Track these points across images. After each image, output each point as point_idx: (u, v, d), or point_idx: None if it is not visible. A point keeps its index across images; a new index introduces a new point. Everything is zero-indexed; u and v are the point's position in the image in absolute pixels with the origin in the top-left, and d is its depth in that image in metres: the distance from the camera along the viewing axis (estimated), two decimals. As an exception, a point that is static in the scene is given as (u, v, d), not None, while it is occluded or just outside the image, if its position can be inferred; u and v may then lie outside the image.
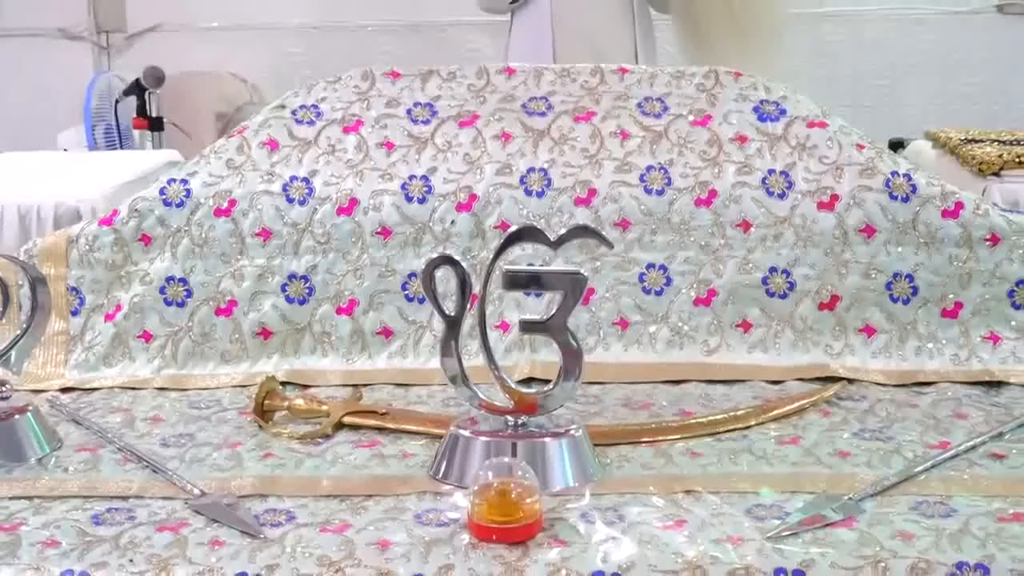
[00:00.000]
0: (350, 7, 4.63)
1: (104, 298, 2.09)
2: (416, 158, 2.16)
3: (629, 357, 2.03)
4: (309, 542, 1.37)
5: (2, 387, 1.69)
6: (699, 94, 2.23)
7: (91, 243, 2.10)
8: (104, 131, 3.66)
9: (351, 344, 2.08)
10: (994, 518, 1.40)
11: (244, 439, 1.73)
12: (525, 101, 2.23)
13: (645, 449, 1.66)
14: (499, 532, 1.35)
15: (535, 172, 2.13)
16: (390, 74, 2.29)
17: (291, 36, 4.66)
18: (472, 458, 1.54)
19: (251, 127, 2.23)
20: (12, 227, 2.26)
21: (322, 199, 2.11)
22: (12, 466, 1.61)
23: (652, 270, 2.08)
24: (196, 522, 1.43)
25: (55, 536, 1.40)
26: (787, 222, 2.07)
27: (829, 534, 1.37)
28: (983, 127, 2.67)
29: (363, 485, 1.55)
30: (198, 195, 2.13)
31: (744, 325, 2.06)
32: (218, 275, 2.09)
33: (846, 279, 2.05)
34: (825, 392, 1.87)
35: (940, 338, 2.02)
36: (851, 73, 4.56)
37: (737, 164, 2.13)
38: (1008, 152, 2.31)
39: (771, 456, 1.63)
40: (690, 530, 1.38)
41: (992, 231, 2.04)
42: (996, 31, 4.55)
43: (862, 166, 2.11)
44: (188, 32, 4.66)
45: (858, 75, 4.57)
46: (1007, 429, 1.70)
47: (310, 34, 4.66)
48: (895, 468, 1.56)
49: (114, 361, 2.06)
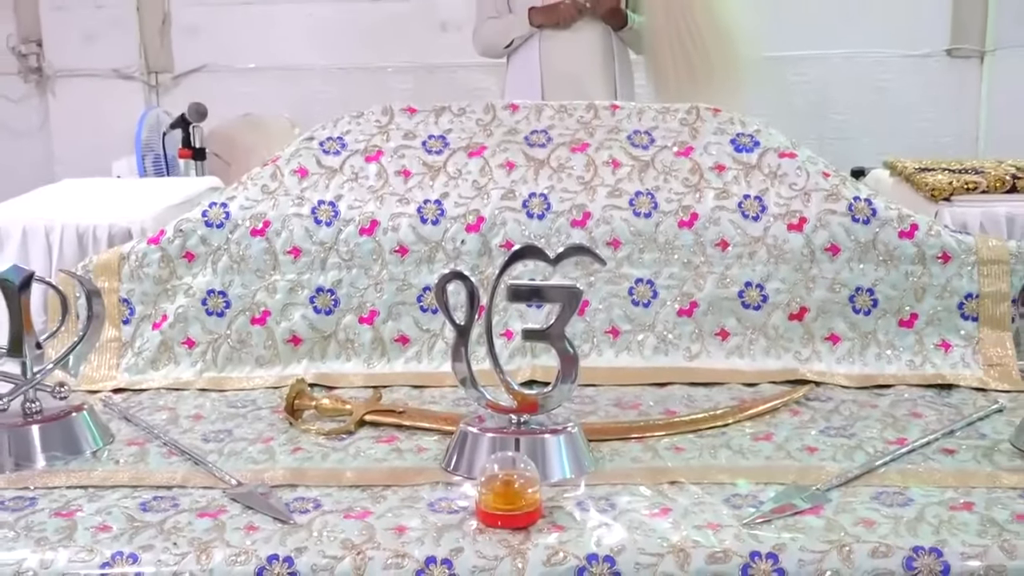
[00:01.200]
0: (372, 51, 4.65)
1: (152, 309, 2.09)
2: (430, 184, 2.16)
3: (620, 362, 2.03)
4: (334, 527, 1.37)
5: (61, 388, 1.69)
6: (682, 128, 2.22)
7: (141, 260, 2.10)
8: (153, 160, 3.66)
9: (372, 350, 2.08)
10: (946, 507, 1.40)
11: (276, 435, 1.73)
12: (527, 134, 2.23)
13: (634, 444, 1.65)
14: (504, 519, 1.35)
15: (536, 197, 2.13)
16: (407, 110, 2.29)
17: (320, 76, 4.67)
18: (479, 452, 1.54)
19: (283, 157, 2.23)
20: (71, 245, 2.26)
21: (346, 221, 2.11)
22: (69, 458, 1.62)
23: (640, 284, 2.08)
24: (233, 509, 1.43)
25: (107, 521, 1.40)
26: (761, 242, 2.07)
27: (799, 521, 1.36)
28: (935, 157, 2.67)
29: (382, 476, 1.54)
30: (236, 217, 2.13)
31: (722, 334, 2.05)
32: (254, 288, 2.09)
33: (813, 292, 2.05)
34: (795, 394, 1.87)
35: (897, 346, 2.02)
36: (817, 109, 4.57)
37: (716, 190, 2.12)
38: (957, 179, 2.31)
39: (747, 451, 1.63)
40: (674, 517, 1.38)
41: (943, 250, 2.04)
42: (945, 73, 4.55)
43: (827, 192, 2.10)
44: (228, 73, 4.67)
45: (824, 111, 4.58)
46: (957, 427, 1.70)
47: (336, 74, 4.68)
48: (858, 462, 1.56)
49: (160, 365, 2.06)
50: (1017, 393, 1.88)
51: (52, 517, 1.42)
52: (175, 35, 4.69)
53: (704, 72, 3.30)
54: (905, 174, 2.48)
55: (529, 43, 3.53)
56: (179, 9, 4.66)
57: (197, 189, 2.63)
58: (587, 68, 3.48)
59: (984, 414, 1.76)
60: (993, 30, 4.48)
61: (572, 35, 3.47)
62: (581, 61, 3.48)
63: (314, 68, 4.66)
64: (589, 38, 3.49)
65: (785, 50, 4.52)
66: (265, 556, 1.30)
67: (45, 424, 1.63)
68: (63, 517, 1.41)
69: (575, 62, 3.47)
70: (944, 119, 4.56)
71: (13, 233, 2.27)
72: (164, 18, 4.67)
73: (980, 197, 2.27)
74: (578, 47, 3.48)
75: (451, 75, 4.40)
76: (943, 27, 4.54)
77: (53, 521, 1.40)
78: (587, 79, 3.42)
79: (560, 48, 3.47)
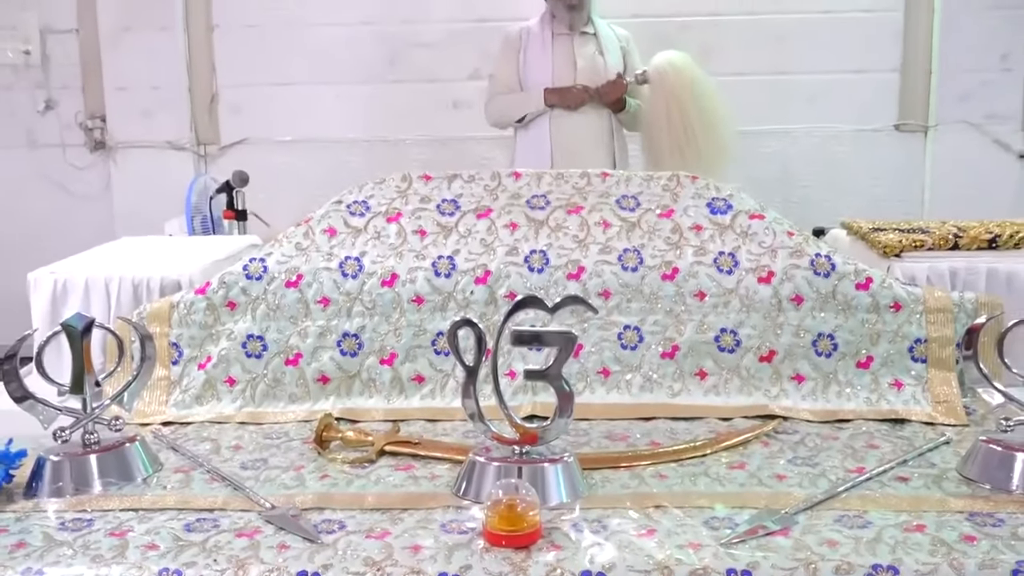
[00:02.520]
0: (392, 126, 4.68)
1: (198, 351, 2.09)
2: (443, 242, 2.17)
3: (610, 399, 2.02)
4: (357, 546, 1.36)
5: (116, 421, 1.69)
6: (664, 193, 2.23)
7: (189, 308, 2.10)
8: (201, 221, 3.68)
9: (391, 388, 2.07)
10: (901, 529, 1.39)
11: (306, 463, 1.72)
12: (528, 198, 2.24)
13: (623, 472, 1.64)
14: (507, 539, 1.34)
15: (536, 253, 2.14)
16: (423, 177, 2.30)
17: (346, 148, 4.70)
18: (486, 479, 1.53)
19: (315, 218, 2.24)
20: (127, 295, 2.26)
21: (370, 274, 2.12)
22: (123, 484, 1.61)
23: (628, 330, 2.07)
24: (267, 530, 1.42)
25: (155, 540, 1.39)
26: (734, 293, 2.07)
27: (770, 541, 1.35)
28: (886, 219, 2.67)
29: (400, 500, 1.54)
30: (273, 270, 2.13)
31: (701, 374, 2.04)
32: (288, 333, 2.09)
33: (781, 338, 2.04)
34: (765, 427, 1.86)
35: (855, 384, 2.01)
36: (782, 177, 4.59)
37: (694, 247, 2.13)
38: (906, 238, 2.31)
39: (723, 478, 1.61)
40: (659, 538, 1.37)
41: (895, 300, 2.04)
42: (894, 145, 4.57)
43: (792, 249, 2.11)
44: (267, 144, 4.70)
45: (788, 178, 4.60)
46: (909, 457, 1.69)
47: (361, 146, 4.70)
48: (821, 488, 1.55)
49: (205, 401, 2.05)
50: (962, 427, 1.87)
51: (106, 536, 1.41)
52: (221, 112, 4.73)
53: (692, 154, 3.38)
54: (860, 233, 2.49)
55: (540, 120, 3.57)
56: (225, 90, 4.71)
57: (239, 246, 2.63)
58: (591, 144, 3.55)
59: (933, 446, 1.75)
60: (935, 108, 4.52)
61: (579, 115, 3.53)
62: (586, 139, 3.55)
63: (342, 141, 4.69)
64: (593, 118, 3.55)
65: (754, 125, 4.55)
66: (295, 572, 1.29)
67: (102, 453, 1.63)
68: (116, 537, 1.41)
69: (581, 139, 3.54)
70: (893, 185, 4.58)
71: (77, 284, 2.27)
72: (212, 97, 4.71)
73: (926, 254, 2.27)
74: (584, 125, 3.55)
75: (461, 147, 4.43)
76: (892, 106, 4.57)
77: (107, 540, 1.39)
78: (590, 154, 3.47)
79: (568, 126, 3.53)
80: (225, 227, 3.65)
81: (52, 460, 1.60)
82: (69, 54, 4.76)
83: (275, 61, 4.56)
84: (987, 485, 1.54)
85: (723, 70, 4.51)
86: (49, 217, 4.77)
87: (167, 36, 4.60)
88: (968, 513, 1.44)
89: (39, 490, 1.57)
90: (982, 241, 2.28)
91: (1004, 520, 1.41)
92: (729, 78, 4.52)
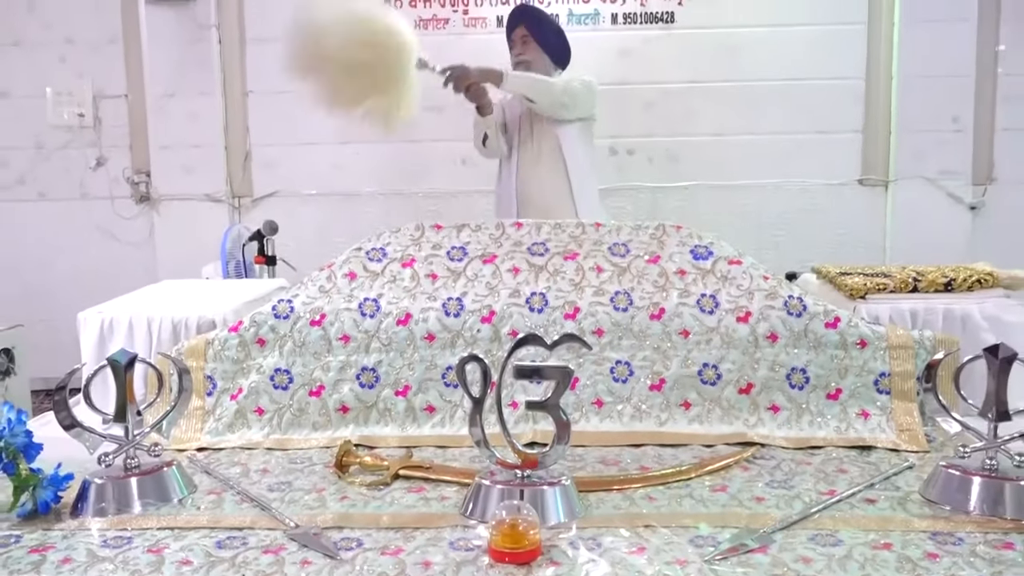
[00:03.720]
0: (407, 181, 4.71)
1: (230, 383, 2.09)
2: (453, 285, 2.17)
3: (603, 427, 2.01)
4: (373, 562, 1.35)
5: (155, 447, 1.68)
6: (652, 241, 2.24)
7: (222, 344, 2.10)
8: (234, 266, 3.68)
9: (405, 417, 2.06)
10: (870, 547, 1.38)
11: (327, 486, 1.71)
12: (529, 245, 2.25)
13: (615, 494, 1.63)
14: (510, 556, 1.33)
15: (536, 295, 2.14)
16: (435, 227, 2.31)
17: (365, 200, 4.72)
18: (491, 500, 1.51)
19: (337, 263, 2.24)
20: (167, 332, 2.26)
21: (386, 314, 2.12)
22: (160, 505, 1.60)
23: (619, 365, 2.07)
24: (291, 547, 1.41)
25: (189, 556, 1.38)
26: (715, 331, 2.07)
27: (750, 558, 1.34)
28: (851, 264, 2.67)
29: (412, 520, 1.52)
30: (299, 311, 2.13)
31: (686, 404, 2.03)
32: (311, 367, 2.09)
33: (758, 371, 2.03)
34: (744, 453, 1.84)
35: (826, 414, 2.00)
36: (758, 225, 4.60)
37: (679, 290, 2.13)
38: (871, 281, 2.31)
39: (706, 500, 1.60)
40: (648, 554, 1.36)
41: (861, 338, 2.03)
42: (858, 198, 4.59)
43: (767, 291, 2.11)
44: (295, 197, 4.72)
45: (763, 227, 4.61)
46: (876, 481, 1.68)
47: (379, 199, 4.73)
48: (796, 509, 1.54)
49: (236, 429, 2.04)
50: (923, 453, 1.85)
51: (145, 553, 1.40)
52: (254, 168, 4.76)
53: None
54: (828, 277, 2.49)
55: (508, 175, 3.40)
56: (257, 148, 4.74)
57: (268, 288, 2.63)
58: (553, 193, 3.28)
59: (898, 470, 1.73)
60: (894, 165, 4.54)
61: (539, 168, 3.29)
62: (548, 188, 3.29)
63: (361, 194, 4.72)
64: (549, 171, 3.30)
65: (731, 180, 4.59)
66: (316, 586, 1.28)
67: (141, 477, 1.62)
68: (153, 553, 1.39)
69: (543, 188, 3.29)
70: (858, 234, 4.59)
71: (122, 323, 2.27)
72: (246, 155, 4.74)
73: (889, 296, 2.27)
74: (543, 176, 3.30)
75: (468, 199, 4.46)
76: (855, 162, 4.60)
77: (145, 556, 1.38)
78: (553, 203, 3.23)
79: (532, 178, 3.32)
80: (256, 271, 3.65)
81: (96, 483, 1.59)
82: (119, 116, 4.81)
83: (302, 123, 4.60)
84: (947, 507, 1.53)
85: (702, 131, 4.57)
86: (98, 262, 4.79)
87: (206, 101, 4.66)
88: (931, 532, 1.43)
89: (84, 510, 1.56)
90: (939, 285, 2.28)
91: (963, 539, 1.40)
92: (708, 138, 4.58)
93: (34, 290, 4.83)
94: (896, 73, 4.48)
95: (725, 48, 4.51)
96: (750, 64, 4.52)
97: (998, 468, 1.54)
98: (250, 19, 4.63)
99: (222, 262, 3.67)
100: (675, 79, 4.56)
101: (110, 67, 4.77)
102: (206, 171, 4.70)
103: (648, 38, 4.53)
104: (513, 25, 3.37)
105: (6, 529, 1.49)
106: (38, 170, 4.86)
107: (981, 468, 1.55)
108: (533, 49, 3.30)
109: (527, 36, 3.29)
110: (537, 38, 3.30)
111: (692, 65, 4.53)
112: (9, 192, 4.88)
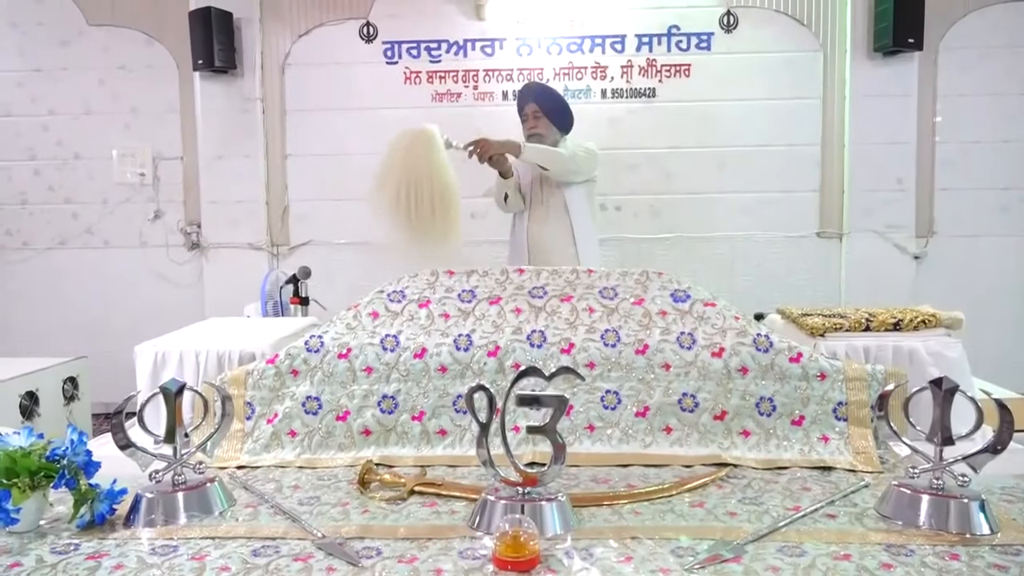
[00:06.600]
0: (424, 231, 4.73)
1: (267, 409, 2.08)
2: (463, 323, 2.17)
3: (595, 449, 1.99)
4: (391, 570, 1.33)
5: (200, 465, 1.67)
6: (637, 285, 2.24)
7: (261, 375, 2.10)
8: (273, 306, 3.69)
9: (420, 440, 2.05)
10: (831, 557, 1.36)
11: (351, 500, 1.69)
12: (530, 289, 2.26)
13: (605, 509, 1.61)
14: (513, 564, 1.31)
15: (536, 332, 2.13)
16: (448, 272, 2.32)
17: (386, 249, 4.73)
18: (495, 514, 1.50)
19: (362, 303, 2.25)
20: (212, 363, 2.26)
21: (404, 348, 2.11)
22: (203, 517, 1.58)
23: (609, 394, 2.06)
24: (318, 555, 1.39)
25: (227, 564, 1.36)
26: (693, 364, 2.06)
27: (725, 567, 1.32)
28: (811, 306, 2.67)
29: (426, 531, 1.50)
30: (328, 345, 2.13)
31: (667, 429, 2.02)
32: (338, 395, 2.08)
33: (731, 400, 2.02)
34: (719, 473, 1.83)
35: (791, 438, 1.98)
36: (729, 272, 4.61)
37: (661, 328, 2.13)
38: (828, 321, 2.31)
39: (686, 515, 1.58)
40: (635, 564, 1.34)
41: (821, 371, 2.02)
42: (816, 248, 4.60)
43: (738, 330, 2.11)
44: (326, 245, 4.74)
45: (734, 273, 4.61)
46: (836, 498, 1.66)
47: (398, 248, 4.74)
48: (766, 523, 1.52)
49: (271, 449, 2.03)
50: (878, 473, 1.84)
51: (188, 560, 1.38)
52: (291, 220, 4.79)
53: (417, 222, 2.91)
54: (792, 317, 2.48)
55: (520, 225, 3.39)
56: (294, 203, 4.78)
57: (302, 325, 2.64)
58: (558, 244, 3.26)
59: (855, 489, 1.72)
60: (847, 220, 4.56)
61: (548, 222, 3.28)
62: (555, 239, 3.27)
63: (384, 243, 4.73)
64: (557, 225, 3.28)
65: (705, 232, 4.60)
66: (340, 591, 1.26)
67: (187, 491, 1.61)
68: (196, 560, 1.37)
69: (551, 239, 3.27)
70: (816, 279, 4.60)
71: (173, 355, 2.27)
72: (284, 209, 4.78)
73: (845, 334, 2.27)
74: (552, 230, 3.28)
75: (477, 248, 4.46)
76: (813, 217, 4.62)
77: (189, 563, 1.36)
78: (559, 252, 3.22)
79: (543, 232, 3.30)
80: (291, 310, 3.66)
81: (147, 497, 1.57)
82: (174, 175, 4.87)
83: (333, 181, 4.64)
84: (899, 522, 1.51)
85: (681, 190, 4.60)
86: (154, 302, 4.81)
87: (250, 162, 4.70)
88: (885, 544, 1.41)
89: (136, 521, 1.54)
90: (888, 324, 2.28)
91: (914, 551, 1.38)
92: (686, 196, 4.60)
93: (97, 326, 4.84)
94: (848, 141, 4.52)
95: (700, 119, 4.56)
96: (722, 132, 4.57)
97: (944, 487, 1.53)
98: (290, 93, 4.69)
99: (262, 302, 3.67)
100: (657, 145, 4.60)
101: (168, 133, 4.84)
102: (249, 223, 4.73)
103: (633, 110, 4.59)
104: (524, 102, 3.42)
105: (67, 538, 1.48)
106: (104, 222, 4.91)
107: (929, 487, 1.53)
108: (543, 123, 3.35)
109: (538, 112, 3.35)
110: (546, 113, 3.35)
111: (671, 133, 4.58)
112: (79, 240, 4.92)
